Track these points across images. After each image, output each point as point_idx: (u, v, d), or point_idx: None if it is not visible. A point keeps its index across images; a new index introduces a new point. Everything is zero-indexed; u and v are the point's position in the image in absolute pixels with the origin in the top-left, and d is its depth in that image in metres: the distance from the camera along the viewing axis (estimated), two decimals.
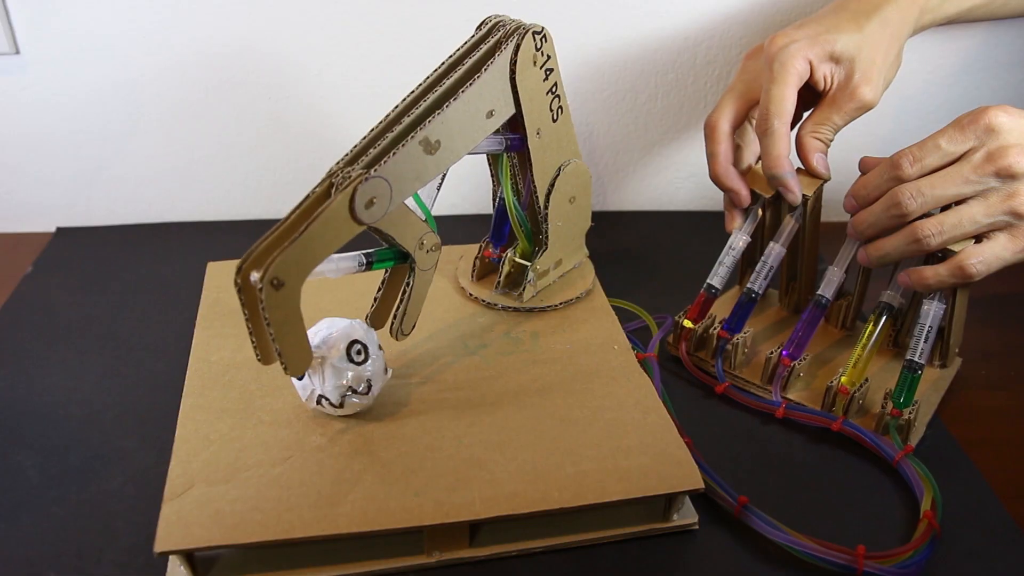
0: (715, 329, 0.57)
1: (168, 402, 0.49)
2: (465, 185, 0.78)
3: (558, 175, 0.55)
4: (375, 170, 0.42)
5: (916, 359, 0.52)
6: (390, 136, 0.44)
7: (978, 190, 0.48)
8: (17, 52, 0.67)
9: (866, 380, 0.53)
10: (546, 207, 0.56)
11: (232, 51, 0.69)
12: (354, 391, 0.46)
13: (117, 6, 0.66)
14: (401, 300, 0.49)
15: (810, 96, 0.57)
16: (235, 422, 0.47)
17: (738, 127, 0.59)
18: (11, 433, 0.51)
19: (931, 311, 0.53)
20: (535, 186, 0.55)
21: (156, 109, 0.71)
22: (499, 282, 0.59)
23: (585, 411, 0.49)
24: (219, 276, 0.61)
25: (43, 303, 0.64)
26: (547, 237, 0.57)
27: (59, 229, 0.75)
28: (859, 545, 0.43)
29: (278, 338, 0.41)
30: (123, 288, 0.66)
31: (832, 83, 0.55)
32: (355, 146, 0.45)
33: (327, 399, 0.46)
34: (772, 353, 0.55)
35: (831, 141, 0.56)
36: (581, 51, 0.72)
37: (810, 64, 0.54)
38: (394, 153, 0.43)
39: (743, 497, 0.46)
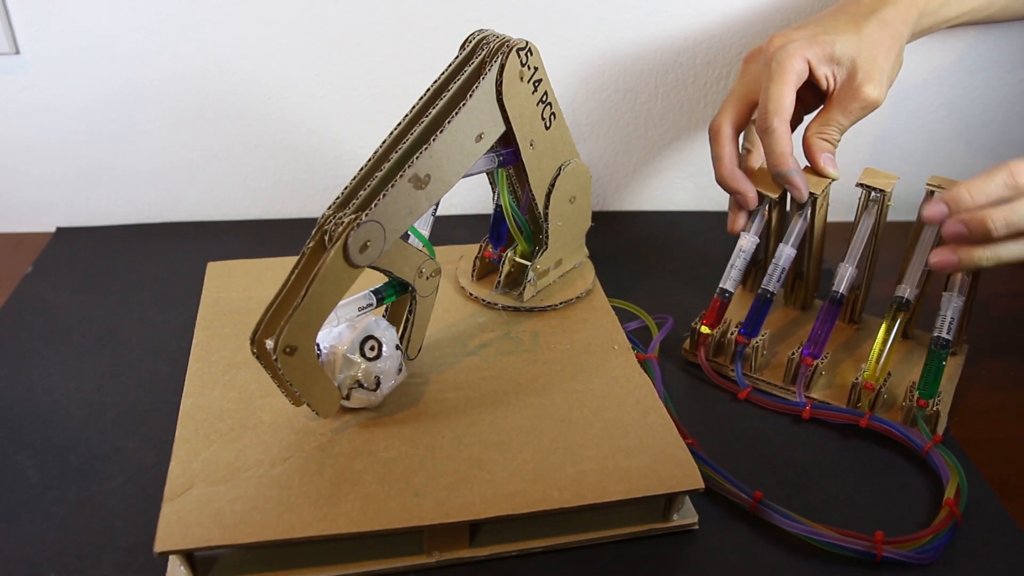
0: (732, 334, 0.57)
1: (168, 402, 0.50)
2: (465, 185, 0.78)
3: (558, 175, 0.55)
4: (366, 214, 0.42)
5: (942, 345, 0.52)
6: (379, 176, 0.44)
7: None
8: (17, 52, 0.67)
9: (889, 374, 0.53)
10: (546, 207, 0.56)
11: (232, 51, 0.69)
12: (361, 385, 0.46)
13: (117, 6, 0.66)
14: (406, 327, 0.49)
15: (814, 98, 0.57)
16: (235, 422, 0.47)
17: (741, 129, 0.59)
18: (11, 433, 0.51)
19: (950, 302, 0.53)
20: (533, 194, 0.55)
21: (156, 109, 0.71)
22: (499, 282, 0.59)
23: (585, 411, 0.49)
24: (219, 276, 0.61)
25: (43, 303, 0.64)
26: (547, 237, 0.57)
27: (59, 229, 0.75)
28: (877, 531, 0.43)
29: (302, 393, 0.43)
30: (123, 288, 0.66)
31: (835, 84, 0.55)
32: (345, 188, 0.44)
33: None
34: (794, 353, 0.55)
35: (838, 141, 0.56)
36: (581, 51, 0.72)
37: (808, 64, 0.54)
38: (384, 195, 0.43)
39: (758, 492, 0.46)
